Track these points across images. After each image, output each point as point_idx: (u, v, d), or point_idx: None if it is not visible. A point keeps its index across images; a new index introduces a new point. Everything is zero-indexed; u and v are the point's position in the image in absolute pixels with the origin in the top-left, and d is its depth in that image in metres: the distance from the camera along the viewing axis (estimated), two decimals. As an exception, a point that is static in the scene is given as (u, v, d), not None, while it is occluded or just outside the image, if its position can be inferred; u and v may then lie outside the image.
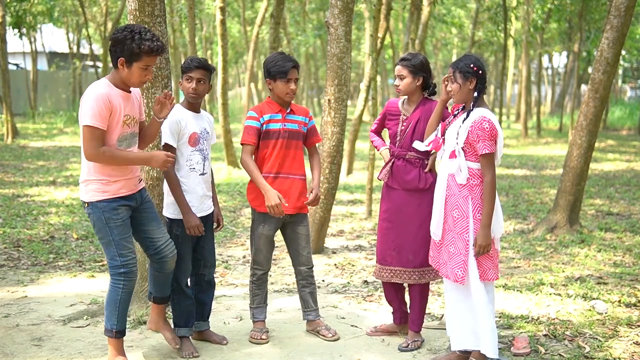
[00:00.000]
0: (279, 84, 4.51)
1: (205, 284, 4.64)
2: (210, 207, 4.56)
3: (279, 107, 4.58)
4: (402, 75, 4.52)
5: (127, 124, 3.94)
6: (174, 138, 4.35)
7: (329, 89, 6.82)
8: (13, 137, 18.95)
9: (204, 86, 4.44)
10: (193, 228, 4.34)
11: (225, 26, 14.06)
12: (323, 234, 7.32)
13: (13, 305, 5.35)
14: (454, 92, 4.13)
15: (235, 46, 33.46)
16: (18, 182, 11.90)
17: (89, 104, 3.79)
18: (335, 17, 6.74)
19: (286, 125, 4.57)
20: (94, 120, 3.77)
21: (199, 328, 4.65)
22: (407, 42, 15.55)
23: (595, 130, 7.91)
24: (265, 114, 4.54)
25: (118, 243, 3.93)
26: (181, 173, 4.39)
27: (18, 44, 31.93)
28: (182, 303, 4.48)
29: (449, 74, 4.16)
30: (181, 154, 4.39)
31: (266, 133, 4.53)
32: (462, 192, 4.02)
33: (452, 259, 4.04)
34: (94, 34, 31.07)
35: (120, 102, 3.88)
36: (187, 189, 4.39)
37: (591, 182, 12.56)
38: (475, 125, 3.98)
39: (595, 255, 7.23)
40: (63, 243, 7.49)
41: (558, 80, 42.11)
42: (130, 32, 3.84)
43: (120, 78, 3.91)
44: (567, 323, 5.06)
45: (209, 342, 4.63)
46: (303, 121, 4.68)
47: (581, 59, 22.77)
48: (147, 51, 3.82)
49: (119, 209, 3.93)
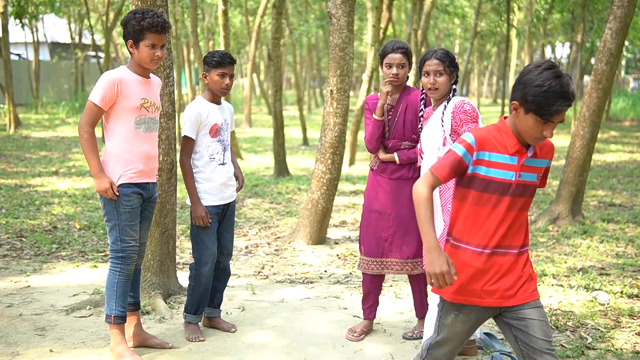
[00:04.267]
0: None
1: (220, 271, 4.67)
2: (231, 197, 4.59)
3: None
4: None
5: (145, 107, 4.04)
6: (194, 130, 4.42)
7: (331, 79, 6.81)
8: (15, 127, 18.97)
9: (232, 81, 4.51)
10: (199, 218, 4.41)
11: (227, 16, 14.05)
12: (325, 225, 7.33)
13: (16, 295, 5.36)
14: (441, 85, 4.04)
15: (237, 37, 33.43)
16: (21, 173, 11.92)
17: (99, 83, 3.96)
18: (337, 7, 6.73)
19: None
20: (95, 97, 3.93)
21: (210, 314, 4.70)
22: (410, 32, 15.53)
23: (598, 121, 7.90)
24: None
25: (122, 228, 4.02)
26: (201, 162, 4.45)
27: (20, 34, 31.91)
28: (197, 291, 4.51)
29: (434, 67, 4.03)
30: (202, 145, 4.44)
31: None
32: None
33: None
34: (95, 24, 31.01)
35: (136, 86, 4.01)
36: (207, 177, 4.46)
37: (594, 173, 12.55)
38: (457, 110, 3.96)
39: (598, 247, 7.23)
40: (66, 233, 7.51)
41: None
42: (134, 13, 3.99)
43: (135, 62, 4.05)
44: (569, 314, 5.07)
45: (218, 329, 4.66)
46: None
47: (584, 49, 22.71)
48: (147, 27, 3.93)
49: (131, 196, 4.02)
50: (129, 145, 4.01)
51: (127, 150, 4.01)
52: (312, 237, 7.27)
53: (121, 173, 3.99)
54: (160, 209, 5.04)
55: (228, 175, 4.55)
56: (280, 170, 12.26)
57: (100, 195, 4.02)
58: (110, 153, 4.01)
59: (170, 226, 5.20)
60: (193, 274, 4.52)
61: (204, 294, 4.55)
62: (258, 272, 6.25)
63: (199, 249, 4.49)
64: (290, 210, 9.24)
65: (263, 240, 7.55)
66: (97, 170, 3.95)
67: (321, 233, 7.31)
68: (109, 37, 19.24)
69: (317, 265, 6.50)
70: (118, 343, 4.10)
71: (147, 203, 4.21)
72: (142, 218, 4.20)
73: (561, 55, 42.53)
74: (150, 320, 4.81)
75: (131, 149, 4.01)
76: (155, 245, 5.11)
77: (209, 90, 4.52)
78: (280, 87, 12.23)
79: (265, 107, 31.21)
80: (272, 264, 6.57)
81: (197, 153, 4.46)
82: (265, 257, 6.86)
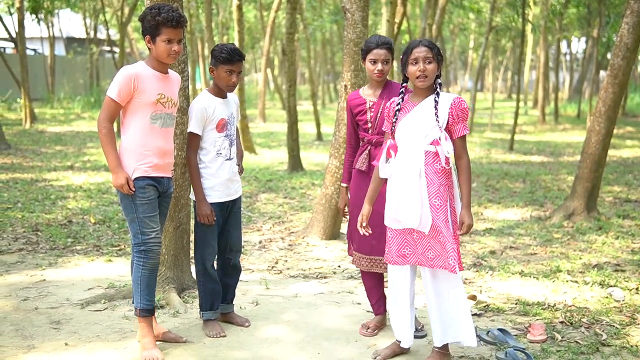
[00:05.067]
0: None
1: (230, 267, 4.68)
2: (237, 192, 4.58)
3: None
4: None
5: (161, 102, 4.05)
6: (200, 126, 4.36)
7: (346, 74, 6.80)
8: (31, 122, 19.08)
9: (239, 77, 4.47)
10: (204, 217, 4.40)
11: (241, 11, 14.05)
12: (339, 220, 7.32)
13: (32, 289, 5.40)
14: (430, 72, 3.90)
15: (251, 31, 33.44)
16: (36, 167, 11.99)
17: (116, 78, 3.98)
18: (352, 2, 6.71)
19: None
20: (113, 92, 3.95)
21: (224, 310, 4.71)
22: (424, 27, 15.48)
23: (614, 116, 7.84)
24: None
25: (141, 221, 4.03)
26: (208, 158, 4.41)
27: (36, 30, 32.05)
28: (208, 286, 4.52)
29: (424, 53, 3.87)
30: (209, 140, 4.41)
31: None
32: (440, 180, 3.88)
33: (446, 248, 3.87)
34: (110, 19, 31.11)
35: (153, 81, 4.02)
36: (213, 173, 4.42)
37: (609, 168, 12.47)
38: (456, 106, 3.90)
39: (613, 243, 7.18)
40: (81, 227, 7.55)
41: (576, 66, 41.75)
42: (150, 9, 4.00)
43: (153, 58, 4.06)
44: (584, 310, 5.04)
45: (232, 324, 4.68)
46: None
47: (600, 44, 22.53)
48: (163, 22, 3.94)
49: (147, 188, 4.04)
50: (144, 139, 4.02)
51: (142, 144, 4.02)
52: (325, 232, 7.27)
53: (136, 166, 4.01)
54: (175, 204, 5.06)
55: (234, 170, 4.53)
56: (294, 165, 12.26)
57: (118, 190, 4.04)
58: (126, 147, 4.03)
59: (184, 220, 5.22)
60: (200, 270, 4.52)
61: (216, 287, 4.56)
62: (272, 267, 6.26)
63: (202, 246, 4.49)
64: (304, 205, 9.24)
65: (277, 235, 7.56)
66: (114, 165, 3.97)
67: (335, 228, 7.30)
68: (123, 32, 19.30)
69: (331, 260, 6.50)
70: (144, 335, 4.13)
71: (162, 198, 4.21)
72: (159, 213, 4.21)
73: (577, 50, 42.30)
74: (164, 315, 4.83)
75: (146, 144, 4.03)
76: (169, 239, 5.13)
77: (214, 85, 4.47)
78: (294, 82, 12.23)
79: (279, 102, 31.24)
80: (285, 259, 6.57)
81: (203, 149, 4.42)
82: (279, 252, 6.86)
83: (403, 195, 3.92)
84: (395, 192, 3.98)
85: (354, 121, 4.52)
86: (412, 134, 3.92)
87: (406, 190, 3.91)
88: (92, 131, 18.62)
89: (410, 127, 3.93)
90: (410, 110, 3.97)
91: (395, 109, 4.02)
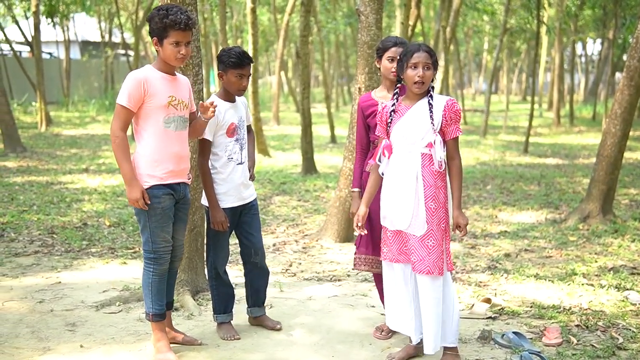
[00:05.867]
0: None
1: (258, 270, 4.66)
2: (251, 196, 4.56)
3: None
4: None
5: (173, 105, 3.99)
6: (211, 132, 4.34)
7: (360, 77, 6.80)
8: (47, 125, 19.22)
9: (249, 80, 4.44)
10: (218, 223, 4.38)
11: (255, 14, 14.09)
12: (353, 223, 7.30)
13: (47, 291, 5.43)
14: (427, 79, 3.91)
15: (265, 34, 33.47)
16: (52, 170, 12.06)
17: (125, 84, 3.91)
18: (366, 4, 6.71)
19: None
20: (123, 99, 3.88)
21: (255, 314, 4.71)
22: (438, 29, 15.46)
23: (630, 118, 7.79)
24: None
25: (153, 231, 4.00)
26: (219, 163, 4.39)
27: (51, 33, 32.27)
28: (220, 289, 4.53)
29: (424, 59, 3.87)
30: (220, 145, 4.39)
31: None
32: (436, 182, 3.90)
33: (433, 253, 3.88)
34: (125, 23, 31.29)
35: (161, 84, 3.96)
36: (225, 178, 4.40)
37: (625, 171, 12.38)
38: (449, 109, 3.90)
39: (629, 246, 7.13)
40: (96, 230, 7.59)
41: (592, 68, 41.51)
42: (159, 10, 3.92)
43: (161, 60, 4.00)
44: (600, 313, 5.01)
45: (264, 327, 4.68)
46: None
47: (616, 46, 22.40)
48: (170, 24, 3.86)
49: (162, 198, 3.98)
50: (159, 145, 3.97)
51: (157, 150, 3.97)
52: (339, 234, 7.27)
53: (151, 174, 3.95)
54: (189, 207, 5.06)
55: (245, 174, 4.50)
56: (307, 168, 12.26)
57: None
58: (141, 153, 3.97)
59: (198, 223, 5.23)
60: (213, 275, 4.52)
61: (229, 291, 4.56)
62: (286, 270, 6.26)
63: (216, 251, 4.49)
64: (317, 207, 9.24)
65: (291, 238, 7.56)
66: (129, 178, 3.90)
67: (349, 231, 7.30)
68: (138, 35, 19.41)
69: (345, 263, 6.50)
70: (158, 339, 4.14)
71: (179, 204, 4.16)
72: (176, 219, 4.15)
73: (592, 51, 42.05)
74: (178, 317, 4.84)
75: (161, 149, 3.97)
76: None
77: (223, 89, 4.43)
78: (308, 84, 12.24)
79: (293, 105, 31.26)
80: (299, 262, 6.58)
81: (215, 154, 4.40)
82: (293, 254, 6.86)
83: (398, 197, 3.96)
84: (389, 193, 4.01)
85: (365, 123, 4.50)
86: (408, 136, 3.94)
87: (402, 193, 3.94)
88: (107, 134, 18.70)
89: (406, 129, 3.94)
90: (405, 114, 3.98)
91: (389, 110, 4.03)
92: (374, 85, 6.75)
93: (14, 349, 4.24)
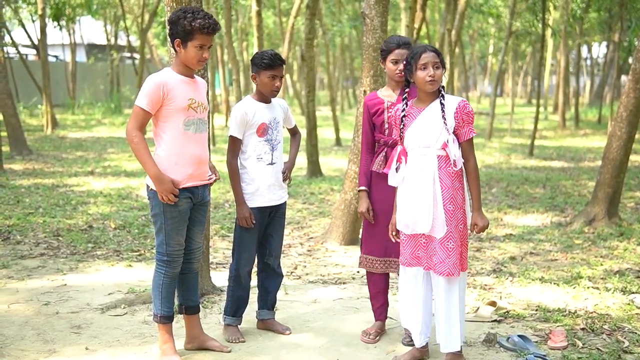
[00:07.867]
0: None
1: (270, 271, 4.66)
2: (281, 198, 4.55)
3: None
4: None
5: (192, 107, 3.99)
6: (240, 130, 4.38)
7: (365, 80, 6.80)
8: (53, 127, 19.27)
9: (282, 82, 4.47)
10: (243, 219, 4.39)
11: (260, 17, 14.12)
12: (358, 226, 7.31)
13: (53, 293, 5.44)
14: (439, 78, 3.91)
15: (270, 37, 33.54)
16: (57, 172, 12.09)
17: (144, 86, 3.92)
18: (371, 7, 6.72)
19: None
20: (142, 101, 3.88)
21: (264, 317, 4.69)
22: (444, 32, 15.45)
23: (636, 121, 7.78)
24: None
25: (168, 233, 4.01)
26: (248, 162, 4.42)
27: (57, 36, 32.36)
28: (236, 292, 4.52)
29: (432, 59, 3.87)
30: (250, 144, 4.41)
31: None
32: (454, 184, 3.91)
33: (452, 255, 3.88)
34: (131, 26, 31.35)
35: (182, 87, 3.97)
36: (255, 177, 4.41)
37: (631, 174, 12.35)
38: (461, 110, 3.91)
39: (635, 249, 7.11)
40: (101, 233, 7.60)
41: (597, 71, 41.42)
42: (184, 12, 3.92)
43: (180, 62, 4.00)
44: (606, 317, 4.99)
45: (272, 331, 4.66)
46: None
47: (622, 49, 22.33)
48: (198, 28, 3.87)
49: (180, 201, 3.98)
50: (179, 148, 3.96)
51: (177, 153, 3.96)
52: (344, 237, 7.27)
53: (170, 178, 3.94)
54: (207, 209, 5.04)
55: (277, 175, 4.48)
56: (313, 171, 12.27)
57: (149, 196, 4.02)
58: (160, 156, 3.96)
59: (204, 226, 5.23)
60: (233, 275, 4.52)
61: (243, 295, 4.55)
62: (291, 273, 6.26)
63: (240, 251, 4.48)
64: (323, 210, 9.24)
65: (296, 241, 7.56)
66: (155, 172, 3.88)
67: (354, 234, 7.29)
68: (144, 38, 19.45)
69: (350, 266, 6.49)
70: (165, 341, 4.14)
71: (197, 207, 4.15)
72: (194, 222, 4.15)
73: (598, 54, 41.96)
74: (182, 320, 4.83)
75: (181, 152, 3.97)
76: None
77: (257, 91, 4.47)
78: (313, 87, 12.25)
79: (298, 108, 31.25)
80: (304, 264, 6.58)
81: (244, 153, 4.43)
82: (298, 257, 6.87)
83: (416, 201, 3.94)
84: (407, 197, 3.99)
85: (371, 122, 4.50)
86: (423, 139, 3.93)
87: (420, 196, 3.93)
88: (113, 137, 18.76)
89: (420, 132, 3.94)
90: (417, 117, 3.99)
91: (400, 116, 4.03)
92: (379, 88, 6.73)
93: (20, 351, 4.25)
